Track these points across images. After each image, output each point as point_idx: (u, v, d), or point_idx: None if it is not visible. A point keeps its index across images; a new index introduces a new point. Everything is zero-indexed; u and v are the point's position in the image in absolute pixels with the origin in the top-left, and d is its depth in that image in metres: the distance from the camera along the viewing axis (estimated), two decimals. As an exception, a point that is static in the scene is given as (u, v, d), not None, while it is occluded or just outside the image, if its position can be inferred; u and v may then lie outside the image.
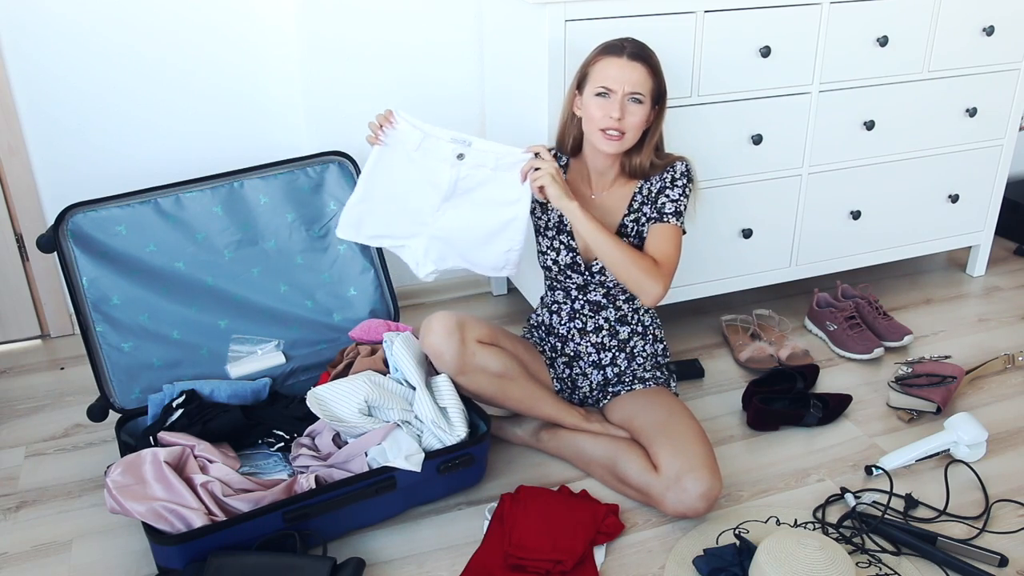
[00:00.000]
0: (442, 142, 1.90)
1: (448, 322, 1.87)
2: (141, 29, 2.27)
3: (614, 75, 1.80)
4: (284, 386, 2.13)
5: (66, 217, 1.98)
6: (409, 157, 1.91)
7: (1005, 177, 2.74)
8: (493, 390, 1.91)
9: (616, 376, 2.04)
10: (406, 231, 1.95)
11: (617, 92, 1.80)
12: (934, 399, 2.14)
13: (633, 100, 1.80)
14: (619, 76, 1.80)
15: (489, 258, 1.94)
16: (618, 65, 1.81)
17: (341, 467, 1.81)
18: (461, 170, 1.90)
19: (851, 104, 2.40)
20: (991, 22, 2.46)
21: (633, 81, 1.80)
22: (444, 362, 1.87)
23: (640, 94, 1.81)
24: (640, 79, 1.80)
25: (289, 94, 2.44)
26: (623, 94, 1.80)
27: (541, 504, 1.80)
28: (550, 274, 2.03)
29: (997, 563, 1.69)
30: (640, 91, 1.80)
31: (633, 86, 1.80)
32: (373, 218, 1.95)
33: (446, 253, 1.95)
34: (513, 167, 1.88)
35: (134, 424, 1.98)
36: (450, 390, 1.87)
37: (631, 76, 1.80)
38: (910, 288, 2.83)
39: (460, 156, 1.89)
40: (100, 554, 1.74)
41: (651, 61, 1.83)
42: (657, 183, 1.91)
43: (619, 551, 1.74)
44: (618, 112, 1.80)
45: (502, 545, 1.71)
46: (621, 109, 1.80)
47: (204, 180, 2.14)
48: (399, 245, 1.96)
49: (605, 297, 2.00)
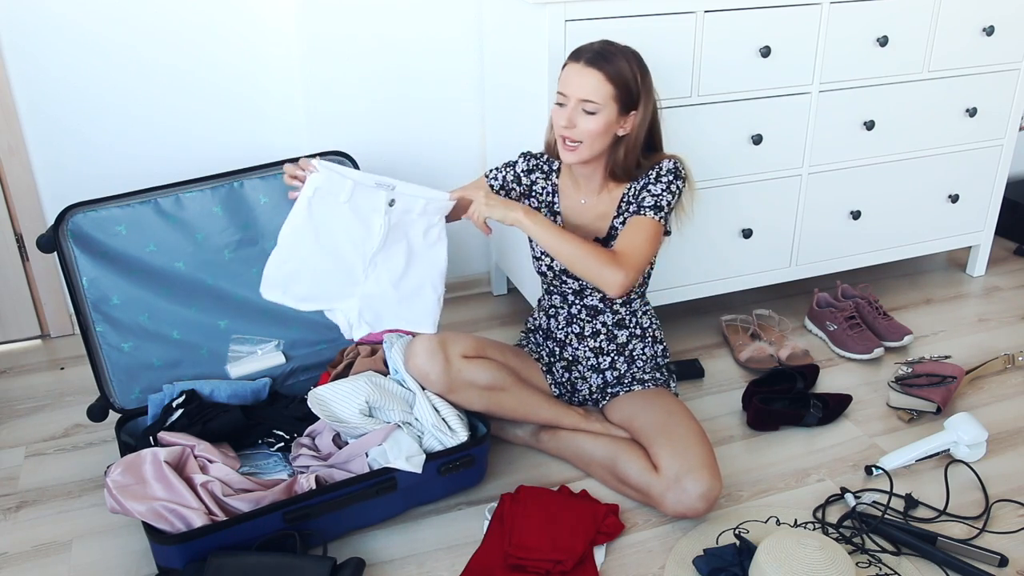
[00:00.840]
0: (371, 189, 1.75)
1: (430, 343, 1.86)
2: (141, 29, 2.27)
3: (568, 81, 1.76)
4: (284, 386, 2.13)
5: (66, 217, 1.98)
6: (338, 209, 1.75)
7: (1005, 177, 2.74)
8: (485, 403, 1.90)
9: (615, 379, 2.04)
10: (337, 292, 1.79)
11: (570, 99, 1.76)
12: (934, 399, 2.14)
13: (584, 109, 1.75)
14: (572, 82, 1.75)
15: (421, 309, 1.83)
16: (574, 71, 1.75)
17: (342, 467, 1.81)
18: (392, 217, 1.77)
19: (851, 104, 2.40)
20: (991, 22, 2.46)
21: (585, 89, 1.73)
22: (431, 383, 1.86)
23: (591, 102, 1.74)
24: (592, 87, 1.73)
25: (289, 94, 2.44)
26: (575, 102, 1.75)
27: (541, 504, 1.80)
28: (545, 279, 2.03)
29: (997, 563, 1.69)
30: (592, 99, 1.73)
31: (584, 94, 1.73)
32: (301, 278, 1.77)
33: (381, 312, 1.82)
34: (440, 211, 1.80)
35: (134, 424, 1.98)
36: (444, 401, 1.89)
37: (583, 83, 1.73)
38: (910, 288, 2.83)
39: (391, 203, 1.76)
40: (100, 554, 1.74)
41: (611, 67, 1.74)
42: (642, 182, 1.86)
43: (619, 551, 1.74)
44: (566, 121, 1.76)
45: (502, 545, 1.71)
46: (569, 118, 1.76)
47: (204, 180, 2.14)
48: (329, 308, 1.81)
49: (602, 301, 1.99)
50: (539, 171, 1.98)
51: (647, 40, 2.05)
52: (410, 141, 2.57)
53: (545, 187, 1.97)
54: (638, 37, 2.06)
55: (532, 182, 1.98)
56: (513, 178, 1.97)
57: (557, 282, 2.00)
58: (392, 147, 2.56)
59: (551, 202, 1.97)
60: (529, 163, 1.98)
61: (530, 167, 1.98)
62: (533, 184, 1.98)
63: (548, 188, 1.97)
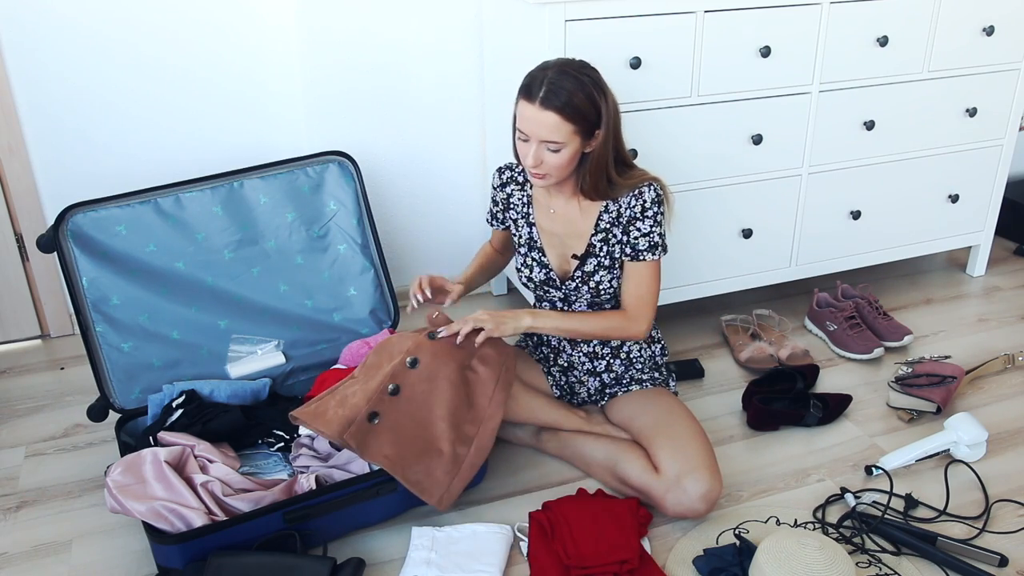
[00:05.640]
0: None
1: None
2: (141, 28, 2.27)
3: (527, 120, 1.72)
4: (284, 386, 2.13)
5: (66, 217, 1.98)
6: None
7: (1005, 177, 2.74)
8: None
9: (613, 380, 2.04)
10: None
11: (532, 138, 1.73)
12: (934, 399, 2.14)
13: (548, 148, 1.72)
14: (531, 123, 1.71)
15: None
16: (531, 112, 1.70)
17: (342, 468, 1.81)
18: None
19: (851, 104, 2.40)
20: (991, 22, 2.46)
21: (544, 129, 1.70)
22: None
23: (554, 143, 1.71)
24: (552, 127, 1.69)
25: (289, 93, 2.44)
26: (538, 141, 1.73)
27: (579, 511, 1.77)
28: (531, 289, 2.03)
29: (997, 563, 1.68)
30: (554, 139, 1.70)
31: (545, 134, 1.70)
32: None
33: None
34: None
35: (134, 424, 1.98)
36: None
37: (543, 124, 1.70)
38: (910, 288, 2.83)
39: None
40: (100, 554, 1.74)
41: (566, 106, 1.68)
42: (626, 210, 1.83)
43: (619, 551, 1.74)
44: (532, 160, 1.74)
45: (557, 561, 1.66)
46: (535, 156, 1.74)
47: (204, 180, 2.14)
48: None
49: (590, 307, 1.99)
50: (514, 183, 1.98)
51: (647, 40, 2.06)
52: (410, 140, 2.57)
53: (521, 198, 1.98)
54: (638, 37, 2.06)
55: (508, 195, 1.99)
56: (499, 199, 2.01)
57: (541, 292, 2.00)
58: (392, 146, 2.56)
59: (527, 213, 1.97)
60: (503, 176, 2.00)
61: (503, 180, 1.99)
62: (510, 197, 1.99)
63: (524, 199, 1.97)
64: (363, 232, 2.28)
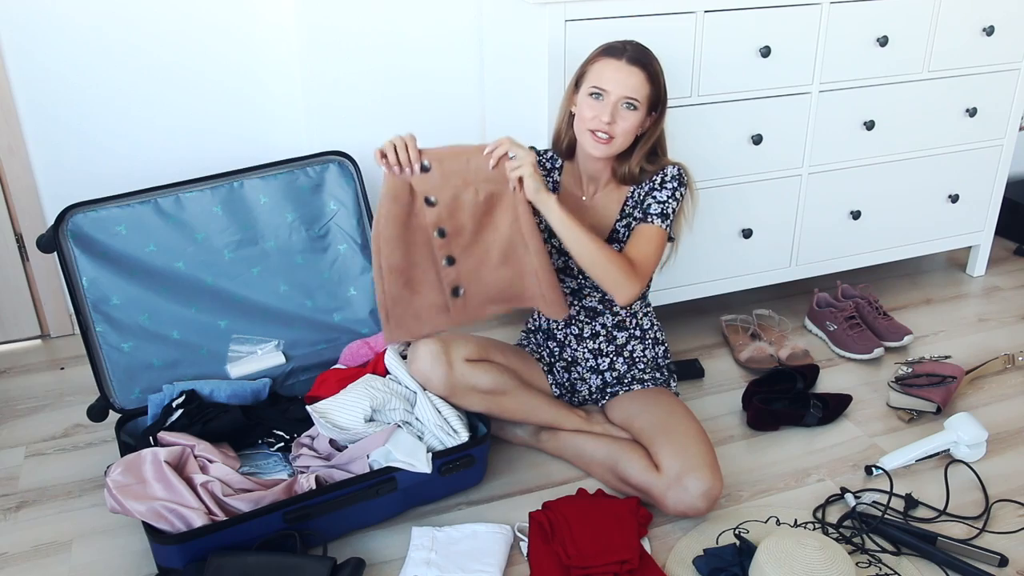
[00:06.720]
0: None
1: (433, 347, 1.86)
2: (141, 28, 2.27)
3: (610, 77, 1.77)
4: (284, 386, 2.13)
5: (66, 217, 1.98)
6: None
7: (1005, 177, 2.74)
8: (487, 406, 1.90)
9: (615, 379, 2.04)
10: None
11: (611, 95, 1.76)
12: (934, 399, 2.14)
13: (627, 105, 1.77)
14: (615, 79, 1.76)
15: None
16: (615, 67, 1.77)
17: (342, 468, 1.81)
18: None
19: (851, 104, 2.40)
20: (991, 22, 2.46)
21: (629, 86, 1.76)
22: (433, 387, 1.87)
23: (634, 100, 1.76)
24: (636, 84, 1.76)
25: (289, 93, 2.44)
26: (617, 98, 1.76)
27: (579, 511, 1.77)
28: None
29: (997, 563, 1.69)
30: (635, 97, 1.76)
31: (628, 91, 1.76)
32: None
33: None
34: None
35: (134, 424, 1.98)
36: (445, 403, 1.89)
37: (627, 80, 1.76)
38: (910, 288, 2.83)
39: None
40: (100, 554, 1.74)
41: (651, 67, 1.79)
42: (647, 187, 1.87)
43: (619, 551, 1.74)
44: (608, 116, 1.76)
45: (557, 561, 1.66)
46: (612, 113, 1.76)
47: (204, 180, 2.14)
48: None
49: (601, 303, 1.99)
50: (543, 168, 1.98)
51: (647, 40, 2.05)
52: (410, 141, 2.57)
53: (548, 184, 1.97)
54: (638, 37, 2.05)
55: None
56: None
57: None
58: (392, 147, 2.55)
59: None
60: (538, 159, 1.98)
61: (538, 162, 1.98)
62: None
63: (550, 185, 1.97)
64: (363, 232, 2.28)
